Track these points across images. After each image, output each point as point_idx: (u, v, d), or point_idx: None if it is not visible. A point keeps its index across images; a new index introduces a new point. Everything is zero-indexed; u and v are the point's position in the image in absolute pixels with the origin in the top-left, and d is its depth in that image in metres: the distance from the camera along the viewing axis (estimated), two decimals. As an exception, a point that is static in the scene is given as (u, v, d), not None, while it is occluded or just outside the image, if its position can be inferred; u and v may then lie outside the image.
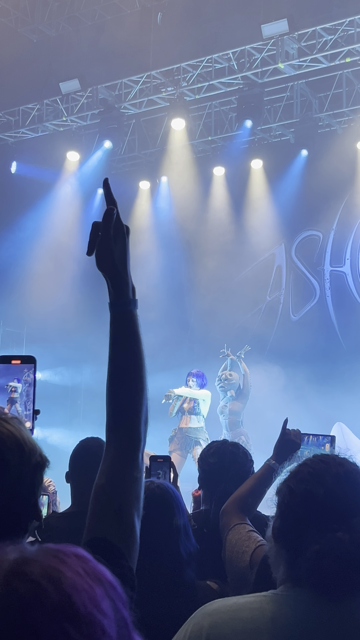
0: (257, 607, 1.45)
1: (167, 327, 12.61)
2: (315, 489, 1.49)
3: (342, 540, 1.42)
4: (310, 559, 1.43)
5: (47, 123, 12.24)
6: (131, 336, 1.56)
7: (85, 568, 0.80)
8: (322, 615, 1.42)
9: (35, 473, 1.38)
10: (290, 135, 12.32)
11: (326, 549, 1.42)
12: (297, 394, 10.94)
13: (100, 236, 1.55)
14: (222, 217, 13.04)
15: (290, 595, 1.46)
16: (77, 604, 0.75)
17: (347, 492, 1.49)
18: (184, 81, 11.06)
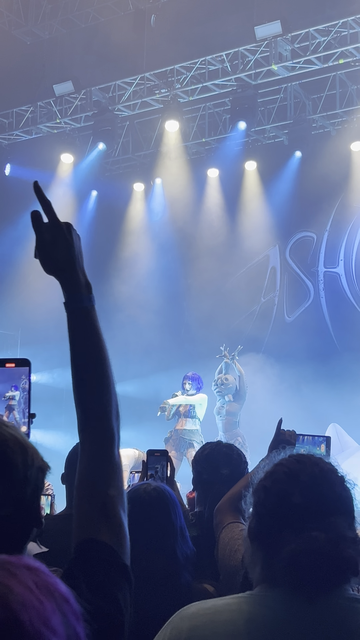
0: (235, 608, 1.45)
1: (162, 329, 12.62)
2: (290, 489, 1.49)
3: (318, 539, 1.42)
4: (285, 558, 1.43)
5: (40, 125, 12.23)
6: (90, 334, 1.51)
7: (36, 581, 0.77)
8: (300, 614, 1.43)
9: (38, 477, 1.38)
10: (284, 136, 12.34)
11: (302, 548, 1.42)
12: (292, 394, 10.95)
13: (36, 240, 1.51)
14: (217, 219, 13.05)
15: (267, 595, 1.47)
16: (24, 621, 0.73)
17: (322, 492, 1.49)
18: (177, 83, 11.07)
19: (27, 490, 1.35)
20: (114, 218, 13.67)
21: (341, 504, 1.50)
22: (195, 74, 10.94)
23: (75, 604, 0.80)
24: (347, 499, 1.51)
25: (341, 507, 1.49)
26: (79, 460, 1.48)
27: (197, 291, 12.76)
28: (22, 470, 1.34)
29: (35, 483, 1.37)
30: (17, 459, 1.34)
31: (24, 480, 1.34)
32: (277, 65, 10.12)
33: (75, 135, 12.98)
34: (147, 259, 13.39)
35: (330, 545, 1.42)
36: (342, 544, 1.43)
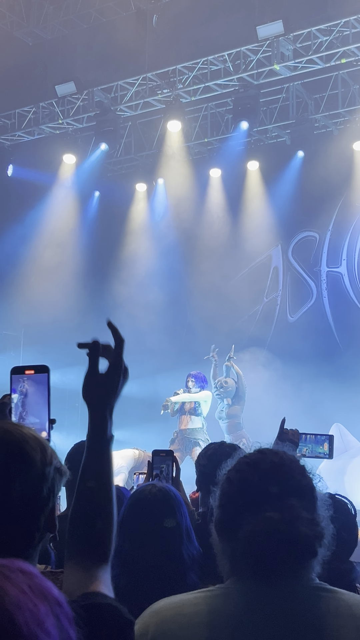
0: (200, 602, 1.49)
1: (164, 330, 12.61)
2: (250, 476, 1.53)
3: (273, 519, 1.44)
4: (243, 540, 1.46)
5: (43, 126, 12.23)
6: (102, 472, 1.52)
7: (31, 584, 0.78)
8: (262, 606, 1.45)
9: (55, 477, 1.40)
10: (286, 136, 12.33)
11: (257, 528, 1.45)
12: (295, 394, 10.94)
13: (90, 367, 1.52)
14: (219, 219, 13.05)
15: (232, 588, 1.50)
16: (20, 623, 0.74)
17: (280, 477, 1.52)
18: (179, 83, 11.07)
19: (44, 488, 1.36)
20: (117, 218, 13.67)
21: (300, 489, 1.51)
22: (197, 74, 10.93)
23: (67, 608, 0.81)
24: (307, 487, 1.53)
25: (299, 491, 1.51)
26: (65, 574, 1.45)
27: (199, 291, 12.76)
28: (40, 467, 1.36)
29: (52, 482, 1.39)
30: (35, 456, 1.36)
31: (42, 477, 1.36)
32: (279, 65, 10.12)
33: (77, 136, 12.98)
34: (150, 259, 13.40)
35: (285, 525, 1.44)
36: (297, 522, 1.45)
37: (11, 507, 1.32)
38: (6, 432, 1.39)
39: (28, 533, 1.34)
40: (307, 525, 1.45)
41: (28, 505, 1.34)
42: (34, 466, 1.35)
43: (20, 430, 1.40)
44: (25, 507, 1.33)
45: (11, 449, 1.35)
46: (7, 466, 1.34)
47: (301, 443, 2.99)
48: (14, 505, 1.32)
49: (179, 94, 11.16)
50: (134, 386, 12.86)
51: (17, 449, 1.35)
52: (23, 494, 1.33)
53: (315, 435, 3.10)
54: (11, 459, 1.34)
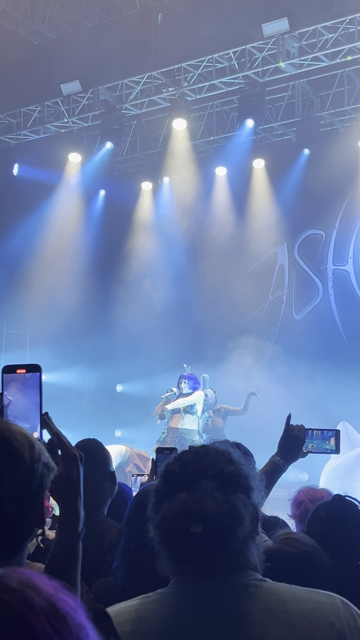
0: (134, 609, 1.49)
1: (170, 327, 12.61)
2: (173, 467, 1.53)
3: (181, 500, 1.44)
4: (158, 526, 1.46)
5: (48, 125, 12.24)
6: (70, 567, 1.54)
7: (49, 582, 0.83)
8: (190, 607, 1.44)
9: (44, 472, 1.39)
10: (292, 134, 12.31)
11: (168, 512, 1.45)
12: (301, 392, 10.92)
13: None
14: (225, 217, 13.03)
15: (167, 592, 1.49)
16: (61, 608, 0.79)
17: (200, 464, 1.50)
18: (185, 81, 11.05)
19: (33, 484, 1.36)
20: (122, 217, 13.67)
21: (220, 474, 1.49)
22: (202, 72, 10.92)
23: (80, 602, 0.84)
24: (230, 473, 1.49)
25: (216, 476, 1.48)
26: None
27: (205, 290, 12.75)
28: (29, 463, 1.36)
29: (41, 478, 1.38)
30: (24, 452, 1.36)
31: (31, 473, 1.36)
32: (285, 62, 10.10)
33: (82, 135, 12.99)
34: (155, 257, 13.39)
35: (194, 504, 1.43)
36: (205, 500, 1.43)
37: (1, 503, 1.33)
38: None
39: (17, 528, 1.35)
40: (218, 504, 1.43)
41: (17, 501, 1.34)
42: (23, 462, 1.35)
43: (7, 427, 1.40)
44: (15, 503, 1.34)
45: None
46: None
47: (307, 439, 2.98)
48: (3, 502, 1.33)
49: (185, 92, 11.15)
50: (139, 385, 12.87)
51: (5, 446, 1.35)
52: (12, 490, 1.33)
53: (321, 430, 3.10)
54: (0, 456, 1.34)
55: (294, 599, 1.43)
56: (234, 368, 11.59)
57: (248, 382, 11.25)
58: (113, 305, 12.91)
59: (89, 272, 13.30)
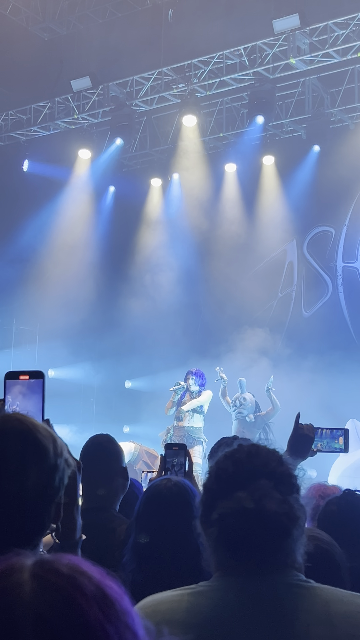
0: (177, 599, 1.51)
1: (179, 324, 12.61)
2: (225, 466, 1.55)
3: (241, 498, 1.46)
4: (215, 523, 1.48)
5: (58, 121, 12.25)
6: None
7: (95, 569, 0.84)
8: (235, 602, 1.45)
9: (64, 468, 1.42)
10: (302, 131, 12.27)
11: (227, 510, 1.47)
12: (310, 390, 10.91)
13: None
14: (234, 214, 13.01)
15: (211, 585, 1.51)
16: (110, 594, 0.81)
17: (254, 463, 1.53)
18: (195, 77, 11.04)
19: (55, 478, 1.38)
20: (131, 213, 13.68)
21: (273, 474, 1.52)
22: (212, 69, 10.90)
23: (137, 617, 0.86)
24: (283, 474, 1.53)
25: (272, 476, 1.51)
26: None
27: (213, 286, 12.75)
28: (53, 457, 1.38)
29: (62, 473, 1.41)
30: (49, 446, 1.39)
31: (54, 468, 1.38)
32: (295, 58, 10.07)
33: (92, 131, 12.99)
34: (164, 254, 13.39)
35: (253, 503, 1.45)
36: (265, 500, 1.45)
37: (27, 497, 1.34)
38: (19, 421, 1.41)
39: (40, 522, 1.37)
40: (277, 503, 1.45)
41: (42, 495, 1.36)
42: (48, 456, 1.37)
43: (31, 421, 1.42)
44: (39, 496, 1.36)
45: (25, 439, 1.37)
46: (24, 456, 1.36)
47: (316, 438, 2.99)
48: (29, 495, 1.35)
49: (195, 88, 11.14)
50: (147, 381, 12.88)
51: (31, 439, 1.37)
52: (37, 484, 1.35)
53: (330, 429, 3.10)
54: (27, 449, 1.36)
55: (337, 601, 1.46)
56: (242, 365, 11.58)
57: (256, 378, 11.23)
58: (122, 302, 12.92)
59: (98, 268, 13.32)
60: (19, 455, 1.35)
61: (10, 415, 1.44)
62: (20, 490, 1.34)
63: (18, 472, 1.34)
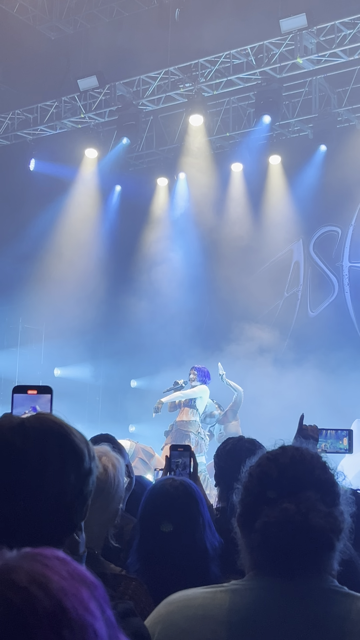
0: (209, 596, 1.51)
1: (185, 323, 12.62)
2: (269, 470, 1.55)
3: (288, 510, 1.46)
4: (258, 530, 1.48)
5: (65, 120, 12.26)
6: None
7: (69, 570, 0.80)
8: (269, 603, 1.45)
9: (95, 472, 1.43)
10: (308, 130, 12.25)
11: (272, 520, 1.46)
12: (316, 390, 10.90)
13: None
14: (240, 213, 13.00)
15: (244, 584, 1.51)
16: (68, 608, 0.75)
17: (299, 470, 1.53)
18: (202, 77, 11.03)
19: (90, 481, 1.40)
20: (138, 213, 13.68)
21: (319, 483, 1.52)
22: (219, 68, 10.90)
23: (103, 591, 0.82)
24: (327, 482, 1.53)
25: (317, 485, 1.51)
26: None
27: (220, 285, 12.74)
28: (88, 461, 1.40)
29: (94, 476, 1.43)
30: (84, 450, 1.40)
31: (89, 471, 1.40)
32: (302, 58, 10.05)
33: (99, 130, 13.00)
34: (170, 253, 13.39)
35: (300, 516, 1.45)
36: (312, 514, 1.45)
37: (66, 499, 1.36)
38: (54, 423, 1.41)
39: (73, 524, 1.39)
40: (323, 517, 1.45)
41: (78, 497, 1.38)
42: (84, 460, 1.39)
43: (66, 423, 1.43)
44: (76, 499, 1.37)
45: (62, 441, 1.39)
46: (63, 459, 1.37)
47: (321, 438, 2.98)
48: (67, 498, 1.36)
49: (201, 87, 11.13)
50: (152, 380, 12.88)
51: (69, 443, 1.39)
52: (75, 487, 1.37)
53: (335, 430, 3.10)
54: (64, 453, 1.38)
55: None
56: (248, 364, 11.57)
57: (261, 378, 11.23)
58: (128, 301, 12.92)
59: (104, 267, 13.33)
60: (59, 458, 1.36)
61: (45, 416, 1.44)
62: (60, 493, 1.35)
63: (58, 475, 1.35)
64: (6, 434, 1.37)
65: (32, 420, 1.41)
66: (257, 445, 3.10)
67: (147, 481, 3.65)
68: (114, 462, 2.26)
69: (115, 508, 2.22)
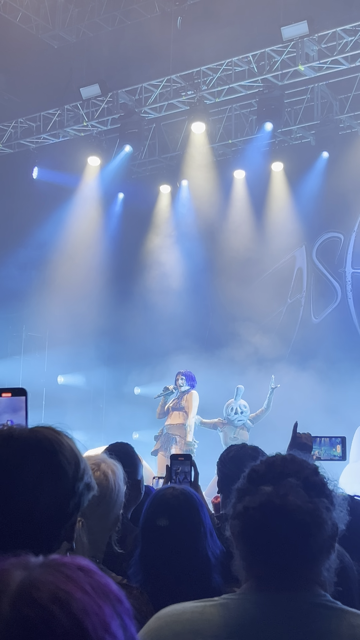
0: (198, 610, 1.48)
1: (187, 331, 12.61)
2: (258, 467, 1.55)
3: (266, 492, 1.45)
4: (238, 514, 1.47)
5: (68, 128, 12.30)
6: None
7: (92, 583, 0.78)
8: (258, 617, 1.43)
9: (83, 492, 1.39)
10: (310, 137, 12.28)
11: (251, 504, 1.46)
12: (319, 396, 10.88)
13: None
14: (243, 220, 13.02)
15: (235, 598, 1.49)
16: (88, 629, 0.74)
17: (287, 467, 1.52)
18: (204, 84, 11.07)
19: (70, 503, 1.36)
20: (141, 220, 13.70)
21: (306, 481, 1.50)
22: (221, 76, 10.93)
23: (127, 604, 0.81)
24: (315, 482, 1.51)
25: (304, 481, 1.50)
26: None
27: (222, 292, 12.74)
28: (70, 482, 1.36)
29: (79, 497, 1.38)
30: (68, 470, 1.36)
31: (70, 492, 1.36)
32: (304, 65, 10.08)
33: (102, 138, 13.04)
34: (173, 260, 13.41)
35: (278, 498, 1.44)
36: (291, 495, 1.44)
37: (37, 516, 1.32)
38: (45, 439, 1.39)
39: (47, 543, 1.34)
40: (301, 500, 1.44)
41: (52, 517, 1.34)
42: (65, 480, 1.35)
43: (59, 440, 1.40)
44: (50, 518, 1.33)
45: (46, 458, 1.35)
46: (40, 476, 1.34)
47: (315, 446, 2.98)
48: (39, 515, 1.33)
49: (203, 95, 11.16)
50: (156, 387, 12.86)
51: (51, 460, 1.35)
52: (50, 506, 1.33)
53: (329, 437, 3.09)
54: (44, 469, 1.34)
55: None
56: (251, 371, 11.56)
57: (264, 384, 11.21)
58: (131, 308, 12.93)
59: (107, 274, 13.35)
60: (36, 473, 1.33)
61: (41, 430, 1.41)
62: (31, 508, 1.32)
63: (32, 490, 1.32)
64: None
65: (24, 431, 1.39)
66: (259, 453, 3.10)
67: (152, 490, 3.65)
68: (113, 469, 2.26)
69: (116, 514, 2.22)
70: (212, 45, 10.73)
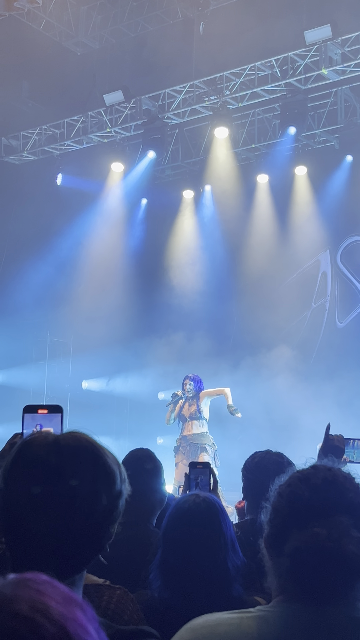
0: (235, 622, 1.45)
1: (212, 335, 12.60)
2: (300, 491, 1.49)
3: (319, 535, 1.41)
4: (289, 555, 1.43)
5: (91, 135, 12.36)
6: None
7: (60, 594, 0.81)
8: (298, 631, 1.41)
9: (125, 494, 1.42)
10: (334, 141, 12.22)
11: (303, 545, 1.42)
12: (344, 401, 10.80)
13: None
14: (267, 225, 12.99)
15: (271, 611, 1.46)
16: (72, 632, 0.77)
17: (331, 493, 1.48)
18: (227, 90, 11.06)
19: (119, 504, 1.39)
20: (164, 225, 13.72)
21: (352, 507, 1.47)
22: (244, 80, 10.92)
23: (92, 610, 0.83)
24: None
25: (350, 509, 1.46)
26: None
27: (247, 297, 12.71)
28: (119, 484, 1.39)
29: (124, 499, 1.41)
30: (116, 471, 1.40)
31: (119, 493, 1.39)
32: (327, 69, 10.04)
33: (125, 144, 13.09)
34: (198, 265, 13.40)
35: (332, 542, 1.40)
36: (345, 540, 1.41)
37: (96, 520, 1.35)
38: (89, 443, 1.40)
39: (101, 545, 1.39)
40: (356, 544, 1.41)
41: (107, 519, 1.37)
42: (116, 482, 1.39)
43: (100, 445, 1.42)
44: (106, 520, 1.37)
45: (96, 462, 1.38)
46: (96, 480, 1.36)
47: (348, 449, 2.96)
48: (98, 518, 1.36)
49: (226, 100, 11.16)
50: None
51: (102, 464, 1.38)
52: (106, 509, 1.36)
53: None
54: (99, 473, 1.37)
55: None
56: (275, 375, 11.51)
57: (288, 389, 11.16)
58: (155, 313, 12.95)
59: (131, 280, 13.38)
60: (91, 478, 1.36)
61: (79, 435, 1.43)
62: (91, 512, 1.34)
63: (91, 495, 1.35)
64: (41, 451, 1.36)
65: (67, 437, 1.40)
66: (284, 459, 3.08)
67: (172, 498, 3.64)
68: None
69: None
70: (235, 50, 10.73)
